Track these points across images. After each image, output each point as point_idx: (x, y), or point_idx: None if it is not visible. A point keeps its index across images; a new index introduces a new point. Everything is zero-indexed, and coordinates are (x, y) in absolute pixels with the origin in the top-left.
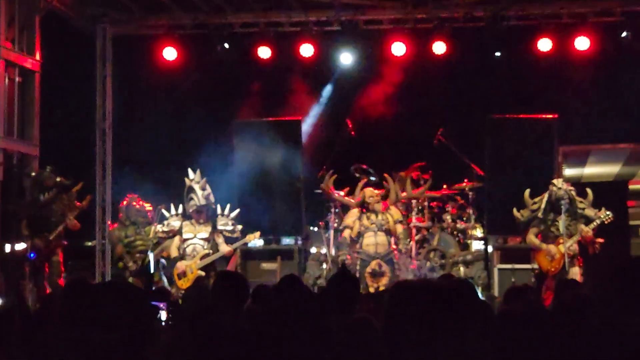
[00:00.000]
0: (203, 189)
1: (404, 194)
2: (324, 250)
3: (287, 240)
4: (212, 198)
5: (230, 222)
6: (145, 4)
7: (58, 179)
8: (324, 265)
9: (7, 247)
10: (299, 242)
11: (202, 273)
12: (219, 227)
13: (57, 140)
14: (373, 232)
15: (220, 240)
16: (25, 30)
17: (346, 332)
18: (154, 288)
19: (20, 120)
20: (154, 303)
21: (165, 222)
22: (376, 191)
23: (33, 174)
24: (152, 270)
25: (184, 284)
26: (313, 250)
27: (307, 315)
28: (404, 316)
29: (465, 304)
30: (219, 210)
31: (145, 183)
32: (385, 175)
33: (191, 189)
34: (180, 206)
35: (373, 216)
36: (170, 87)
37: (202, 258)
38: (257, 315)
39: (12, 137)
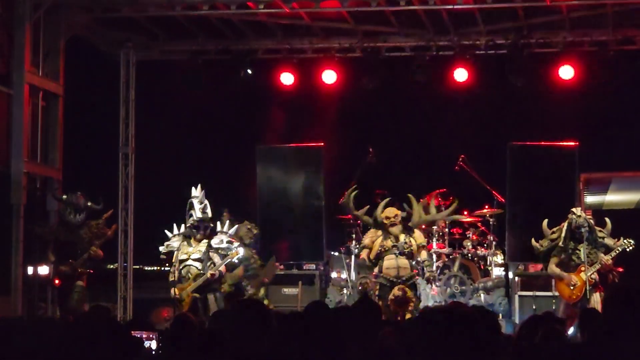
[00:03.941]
0: (201, 202)
1: (428, 216)
2: (344, 275)
3: (308, 266)
4: (209, 211)
5: (226, 240)
6: (169, 30)
7: (89, 204)
8: (345, 290)
9: (30, 270)
10: (320, 267)
11: (197, 295)
12: (214, 246)
13: (80, 164)
14: (394, 254)
15: (217, 259)
16: (49, 55)
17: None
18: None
19: (43, 144)
20: (136, 334)
21: (166, 244)
22: (397, 212)
23: (64, 197)
24: None
25: (182, 308)
26: (334, 275)
27: (330, 341)
28: (430, 344)
29: (488, 332)
30: (218, 227)
31: (167, 207)
32: (409, 195)
33: (191, 206)
34: (183, 226)
35: (398, 238)
36: (193, 112)
37: (195, 279)
38: (281, 342)
39: (35, 161)
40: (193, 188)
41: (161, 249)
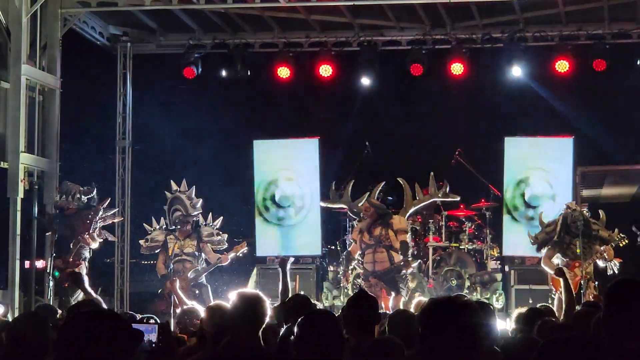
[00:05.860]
0: (190, 198)
1: (425, 197)
2: (341, 269)
3: (305, 259)
4: (199, 207)
5: (215, 232)
6: (166, 24)
7: (81, 189)
8: (342, 284)
9: (27, 264)
10: (317, 261)
11: (196, 290)
12: (205, 239)
13: (77, 158)
14: (372, 248)
15: (207, 249)
16: (47, 48)
17: (370, 352)
18: None
19: (40, 137)
20: (137, 327)
21: (149, 237)
22: (371, 205)
23: (63, 184)
24: None
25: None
26: (330, 269)
27: (324, 336)
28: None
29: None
30: (201, 220)
31: (164, 201)
32: (399, 179)
33: (176, 200)
34: (162, 219)
35: (375, 231)
36: (189, 106)
37: (192, 274)
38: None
39: (32, 154)
40: (172, 183)
41: (142, 242)
